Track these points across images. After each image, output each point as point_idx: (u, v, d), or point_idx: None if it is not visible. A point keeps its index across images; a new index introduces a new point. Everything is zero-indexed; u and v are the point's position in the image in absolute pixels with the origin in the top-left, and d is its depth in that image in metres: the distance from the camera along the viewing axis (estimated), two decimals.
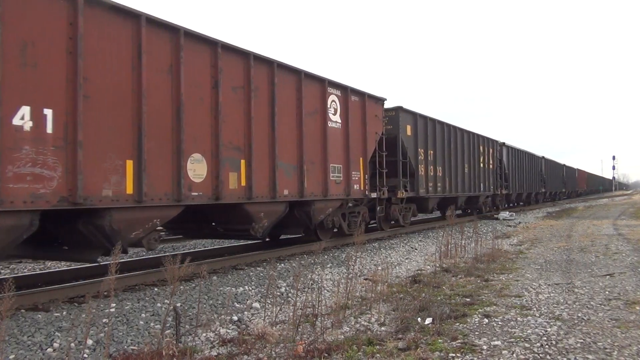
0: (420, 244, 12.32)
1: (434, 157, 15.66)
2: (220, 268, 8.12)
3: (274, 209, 8.85)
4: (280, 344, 4.51)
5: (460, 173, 17.86)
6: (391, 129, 13.59)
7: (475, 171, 19.51)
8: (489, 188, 21.45)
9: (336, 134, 10.55)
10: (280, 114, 8.86)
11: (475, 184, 19.34)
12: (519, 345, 4.46)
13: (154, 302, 6.00)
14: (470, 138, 19.21)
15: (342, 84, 10.83)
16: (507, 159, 24.79)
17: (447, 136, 16.79)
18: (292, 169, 9.18)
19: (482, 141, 20.82)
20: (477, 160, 19.86)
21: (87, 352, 4.32)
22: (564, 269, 8.46)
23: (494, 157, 22.52)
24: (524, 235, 14.54)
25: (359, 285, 7.15)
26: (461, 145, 18.09)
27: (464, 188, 18.24)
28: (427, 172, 15.06)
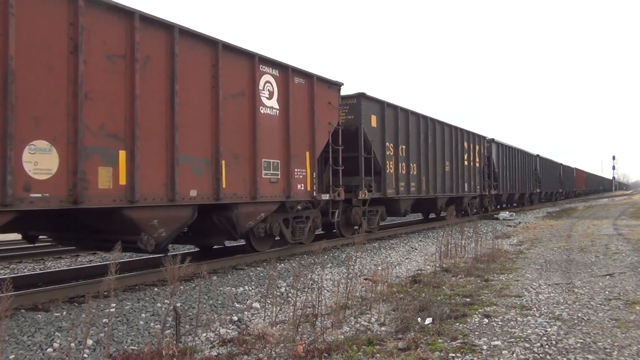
0: (420, 244, 12.31)
1: (406, 152, 13.79)
2: (220, 268, 8.11)
3: (174, 215, 7.00)
4: (280, 344, 4.51)
5: (440, 171, 16.09)
6: (352, 119, 11.85)
7: (459, 170, 17.72)
8: (475, 188, 19.59)
9: (272, 122, 8.70)
10: (184, 94, 6.99)
11: (458, 184, 17.62)
12: (519, 345, 4.46)
13: (154, 302, 6.00)
14: (453, 132, 17.32)
15: (281, 62, 8.94)
16: (496, 156, 22.92)
17: (424, 129, 14.93)
18: (203, 164, 7.33)
19: (468, 137, 18.96)
20: (461, 158, 18.11)
21: (87, 352, 4.32)
22: (564, 269, 8.46)
23: (481, 155, 20.63)
24: (524, 235, 14.54)
25: (359, 285, 7.15)
26: (441, 140, 16.27)
27: (445, 188, 16.40)
28: (397, 170, 13.25)
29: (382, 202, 13.06)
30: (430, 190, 15.33)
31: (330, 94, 10.55)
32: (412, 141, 14.27)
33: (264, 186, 8.50)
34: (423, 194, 14.79)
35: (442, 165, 16.24)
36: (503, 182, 23.86)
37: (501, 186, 23.42)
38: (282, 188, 8.98)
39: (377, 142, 12.38)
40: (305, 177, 9.62)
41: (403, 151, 13.64)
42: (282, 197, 8.96)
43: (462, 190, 18.08)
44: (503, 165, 24.05)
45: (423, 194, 14.78)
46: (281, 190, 8.95)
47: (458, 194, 17.71)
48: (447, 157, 16.70)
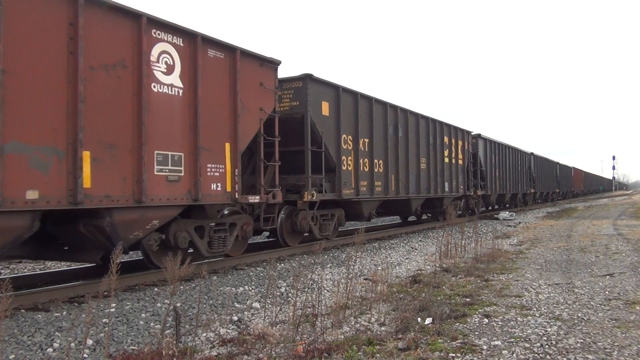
0: (420, 244, 12.32)
1: (369, 147, 11.84)
2: (220, 268, 8.11)
3: None
4: (280, 344, 4.51)
5: (414, 169, 14.14)
6: (297, 106, 9.91)
7: (438, 168, 15.76)
8: (458, 188, 17.51)
9: (171, 104, 6.91)
10: (16, 58, 5.16)
11: (437, 184, 15.61)
12: (519, 345, 4.46)
13: (154, 302, 6.00)
14: (430, 126, 15.24)
15: (187, 29, 7.14)
16: (484, 153, 20.85)
17: (393, 121, 12.97)
18: (51, 156, 5.45)
19: (449, 131, 16.83)
20: (441, 154, 16.08)
21: (87, 352, 4.32)
22: (564, 269, 8.46)
23: (466, 151, 18.52)
24: (524, 235, 14.54)
25: (359, 285, 7.15)
26: (415, 133, 14.27)
27: (420, 188, 14.41)
28: (357, 167, 11.29)
29: (340, 204, 11.28)
30: (401, 191, 13.29)
31: (263, 74, 8.63)
32: (378, 134, 12.18)
33: (157, 186, 6.61)
34: (392, 195, 12.80)
35: (416, 162, 14.26)
36: (491, 181, 21.86)
37: (489, 186, 21.35)
38: (187, 189, 7.06)
39: (330, 134, 10.42)
40: (224, 175, 7.70)
41: (365, 145, 11.63)
42: (186, 200, 7.06)
43: (441, 191, 16.06)
44: (492, 163, 22.03)
45: (392, 194, 12.79)
46: (185, 192, 7.03)
47: (437, 194, 15.75)
48: (423, 153, 14.64)
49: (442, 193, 16.21)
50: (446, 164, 16.59)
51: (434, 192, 15.53)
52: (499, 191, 23.20)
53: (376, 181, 12.08)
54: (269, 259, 9.07)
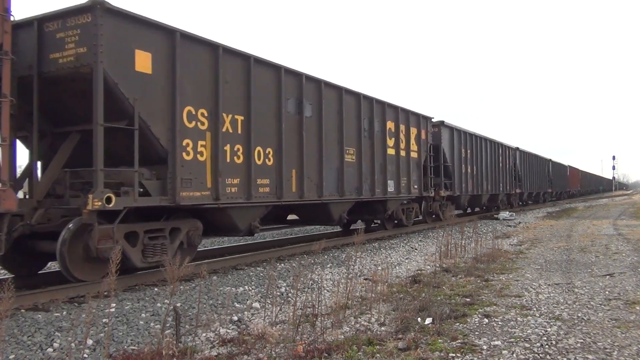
0: (420, 244, 12.31)
1: (245, 128, 8.17)
2: (220, 268, 8.12)
3: None
4: (280, 344, 4.51)
5: (335, 162, 10.75)
6: (84, 54, 6.25)
7: (377, 161, 12.36)
8: (410, 188, 14.22)
9: None
10: None
11: (375, 182, 12.14)
12: (519, 345, 4.46)
13: (154, 302, 6.00)
14: (363, 106, 11.72)
15: None
16: (450, 146, 17.45)
17: (294, 94, 9.53)
18: None
19: (396, 115, 13.37)
20: (382, 144, 12.71)
21: (87, 352, 4.32)
22: (564, 269, 8.46)
23: (422, 142, 15.02)
24: (524, 235, 14.54)
25: (359, 285, 7.15)
26: (336, 114, 10.84)
27: (344, 188, 10.90)
28: (216, 157, 7.62)
29: (195, 213, 7.67)
30: (311, 192, 9.80)
31: None
32: (264, 110, 8.59)
33: None
34: (291, 198, 9.25)
35: (338, 153, 10.79)
36: (461, 180, 18.17)
37: (457, 185, 17.73)
38: None
39: (153, 103, 6.76)
40: None
41: (238, 125, 8.03)
42: None
43: (383, 192, 12.54)
44: (461, 158, 18.31)
45: (291, 197, 9.24)
46: None
47: (375, 196, 12.14)
48: (350, 141, 11.17)
49: (384, 195, 12.57)
50: (390, 156, 12.95)
51: (370, 194, 11.88)
52: (471, 191, 19.25)
53: (259, 178, 8.44)
54: (269, 259, 9.08)
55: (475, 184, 19.85)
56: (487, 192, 21.63)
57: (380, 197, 12.49)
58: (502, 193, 24.25)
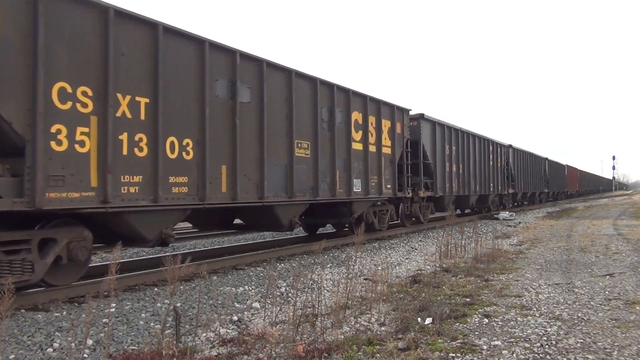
0: (420, 244, 12.31)
1: (151, 113, 6.57)
2: (220, 268, 8.12)
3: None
4: (280, 344, 4.51)
5: (282, 159, 9.08)
6: None
7: (338, 157, 10.70)
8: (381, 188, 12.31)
9: None
10: None
11: (336, 181, 10.52)
12: (519, 345, 4.46)
13: (154, 302, 6.01)
14: (320, 93, 10.07)
15: None
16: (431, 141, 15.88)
17: (225, 74, 7.88)
18: None
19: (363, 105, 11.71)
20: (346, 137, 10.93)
21: (87, 352, 4.32)
22: (564, 269, 8.46)
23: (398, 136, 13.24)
24: (524, 235, 14.54)
25: (359, 285, 7.15)
26: (286, 102, 9.21)
27: (293, 189, 9.21)
28: (104, 148, 5.94)
29: (59, 221, 5.98)
30: (248, 191, 8.12)
31: None
32: (179, 93, 7.06)
33: None
34: (219, 200, 7.60)
35: (286, 147, 9.11)
36: (444, 179, 16.58)
37: (440, 185, 16.15)
38: None
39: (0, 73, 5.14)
40: None
41: (140, 109, 6.54)
42: None
43: (347, 192, 10.91)
44: (445, 155, 16.76)
45: (220, 198, 7.61)
46: None
47: (337, 197, 10.51)
48: (302, 133, 9.52)
49: (349, 195, 10.95)
50: (357, 152, 11.37)
51: (330, 194, 10.37)
52: (457, 192, 17.60)
53: (173, 176, 6.93)
54: (269, 259, 9.08)
55: (461, 184, 18.15)
56: (476, 193, 19.94)
57: (344, 198, 10.84)
58: (492, 194, 22.48)
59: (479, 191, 20.24)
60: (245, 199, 8.13)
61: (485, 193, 21.27)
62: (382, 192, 12.39)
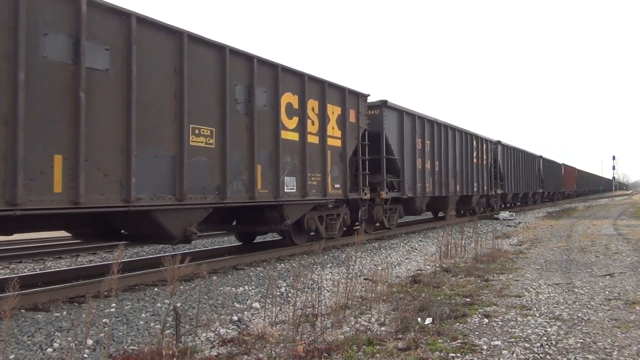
0: (420, 244, 12.32)
1: None
2: (220, 268, 8.12)
3: None
4: (280, 344, 4.51)
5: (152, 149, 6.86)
6: None
7: (240, 147, 8.14)
8: (324, 189, 10.08)
9: None
10: None
11: (233, 176, 7.92)
12: (519, 345, 4.46)
13: (154, 302, 6.01)
14: (243, 65, 8.25)
15: None
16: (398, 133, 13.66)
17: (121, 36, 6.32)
18: None
19: (269, 76, 8.84)
20: (272, 123, 8.76)
21: (87, 352, 4.32)
22: (564, 269, 8.46)
23: (351, 126, 10.99)
24: (524, 235, 14.54)
25: (359, 285, 7.15)
26: (209, 73, 7.64)
27: (127, 189, 6.56)
28: None
29: None
30: (104, 193, 6.13)
31: None
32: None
33: None
34: (46, 205, 5.56)
35: (173, 132, 7.01)
36: (415, 178, 14.38)
37: (409, 185, 14.03)
38: None
39: None
40: None
41: None
42: None
43: (274, 192, 8.79)
44: (417, 150, 14.56)
45: (48, 202, 5.57)
46: None
47: (257, 199, 8.38)
48: (203, 116, 7.46)
49: (277, 197, 8.85)
50: (289, 143, 9.22)
51: (247, 195, 8.19)
52: (432, 192, 15.54)
53: None
54: (269, 259, 9.08)
55: (437, 184, 15.99)
56: (456, 194, 17.66)
57: (269, 200, 8.72)
58: (477, 194, 20.09)
59: (460, 192, 18.03)
60: (98, 201, 6.07)
61: (467, 194, 18.91)
62: (326, 193, 10.21)
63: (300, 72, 9.60)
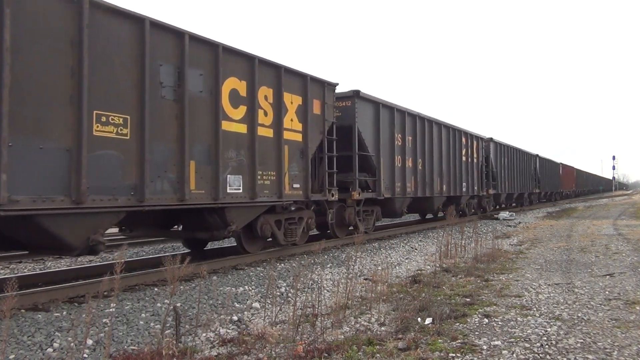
0: (420, 244, 12.32)
1: None
2: (220, 268, 8.11)
3: None
4: (280, 344, 4.51)
5: None
6: None
7: (155, 138, 6.85)
8: (256, 190, 8.03)
9: None
10: None
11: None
12: (519, 345, 4.46)
13: (154, 302, 6.01)
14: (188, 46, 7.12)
15: None
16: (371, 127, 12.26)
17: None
18: None
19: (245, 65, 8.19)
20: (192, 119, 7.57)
21: (87, 352, 4.32)
22: (564, 269, 8.46)
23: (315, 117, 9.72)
24: (524, 235, 14.54)
25: (359, 285, 7.15)
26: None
27: None
28: None
29: None
30: None
31: None
32: None
33: None
34: None
35: (66, 119, 5.66)
36: (392, 177, 13.02)
37: (386, 185, 12.68)
38: None
39: None
40: None
41: None
42: None
43: (212, 193, 7.52)
44: (397, 146, 13.25)
45: None
46: None
47: (188, 201, 7.04)
48: (112, 100, 6.17)
49: (217, 198, 7.50)
50: (233, 135, 7.90)
51: (177, 196, 6.89)
52: (413, 193, 14.28)
53: None
54: (269, 259, 9.08)
55: (420, 183, 14.67)
56: (442, 194, 16.36)
57: (207, 202, 7.43)
58: (466, 195, 18.77)
59: (446, 192, 16.69)
60: None
61: (456, 194, 17.56)
62: (283, 194, 8.91)
63: (248, 55, 8.26)
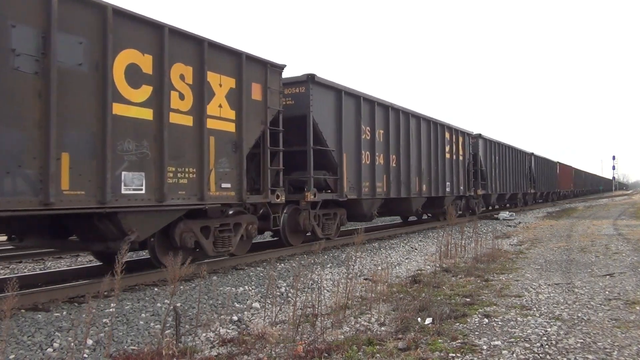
0: (420, 244, 12.31)
1: None
2: (220, 268, 8.12)
3: None
4: (280, 344, 4.51)
5: None
6: None
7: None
8: (201, 192, 7.26)
9: None
10: None
11: None
12: (519, 345, 4.46)
13: (154, 302, 6.00)
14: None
15: None
16: (333, 123, 10.77)
17: None
18: None
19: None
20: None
21: (87, 352, 4.32)
22: (564, 269, 8.46)
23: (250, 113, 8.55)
24: (524, 235, 14.54)
25: (359, 285, 7.15)
26: None
27: None
28: None
29: None
30: None
31: None
32: None
33: None
34: None
35: None
36: (358, 176, 11.51)
37: (351, 184, 11.25)
38: None
39: None
40: None
41: None
42: None
43: (99, 196, 5.94)
44: (365, 140, 11.74)
45: None
46: None
47: (51, 205, 5.43)
48: None
49: (105, 202, 5.98)
50: (131, 122, 6.41)
51: (39, 199, 5.37)
52: (385, 193, 12.69)
53: None
54: (269, 259, 9.08)
55: (393, 183, 13.00)
56: (421, 195, 14.75)
57: (90, 206, 5.89)
58: (450, 195, 17.11)
59: (426, 192, 15.08)
60: None
61: (438, 195, 15.92)
62: (205, 196, 7.39)
63: (154, 22, 6.69)
